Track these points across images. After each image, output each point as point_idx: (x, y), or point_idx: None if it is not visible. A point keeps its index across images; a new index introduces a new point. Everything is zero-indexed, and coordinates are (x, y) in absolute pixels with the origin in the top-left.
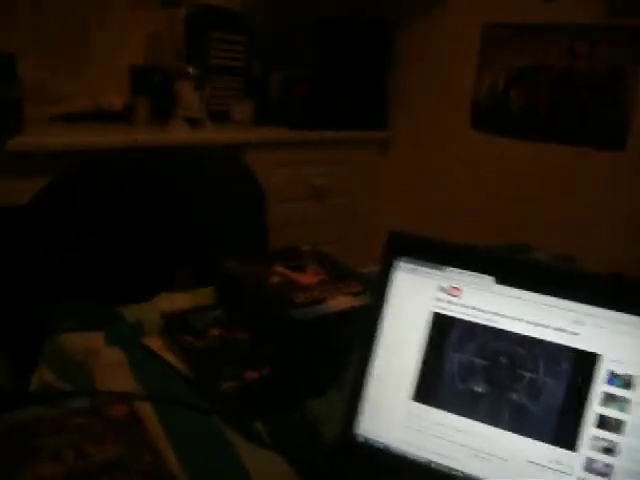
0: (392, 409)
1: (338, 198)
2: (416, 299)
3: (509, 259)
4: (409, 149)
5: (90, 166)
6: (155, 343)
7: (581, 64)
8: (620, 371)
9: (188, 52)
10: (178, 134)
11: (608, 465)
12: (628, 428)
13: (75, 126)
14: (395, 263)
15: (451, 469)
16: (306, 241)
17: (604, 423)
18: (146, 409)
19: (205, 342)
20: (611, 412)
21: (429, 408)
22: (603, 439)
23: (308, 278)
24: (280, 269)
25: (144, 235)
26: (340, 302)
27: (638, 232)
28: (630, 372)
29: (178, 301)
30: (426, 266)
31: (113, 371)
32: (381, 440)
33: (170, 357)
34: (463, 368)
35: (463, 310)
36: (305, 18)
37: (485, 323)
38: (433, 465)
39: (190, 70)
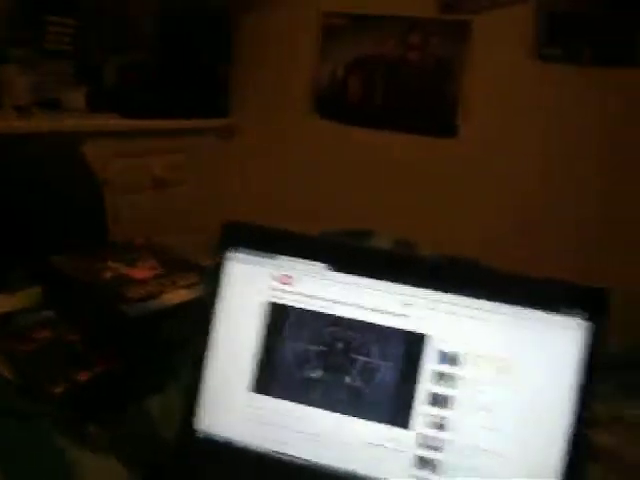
0: (231, 402)
1: (180, 188)
2: (250, 289)
3: (340, 246)
4: (252, 136)
5: None
6: None
7: (414, 55)
8: (447, 349)
9: (14, 35)
10: (6, 123)
11: (440, 440)
12: (457, 403)
13: None
14: (229, 253)
15: (293, 457)
16: (149, 233)
17: (435, 400)
18: None
19: (32, 345)
20: (441, 389)
21: (268, 398)
22: (434, 415)
23: (142, 272)
24: (113, 264)
25: None
26: (175, 295)
27: (468, 214)
28: (456, 350)
29: (3, 304)
30: (259, 255)
31: None
32: (222, 434)
33: None
34: (299, 356)
35: (297, 298)
36: (144, 2)
37: (319, 310)
38: (276, 455)
39: (16, 54)
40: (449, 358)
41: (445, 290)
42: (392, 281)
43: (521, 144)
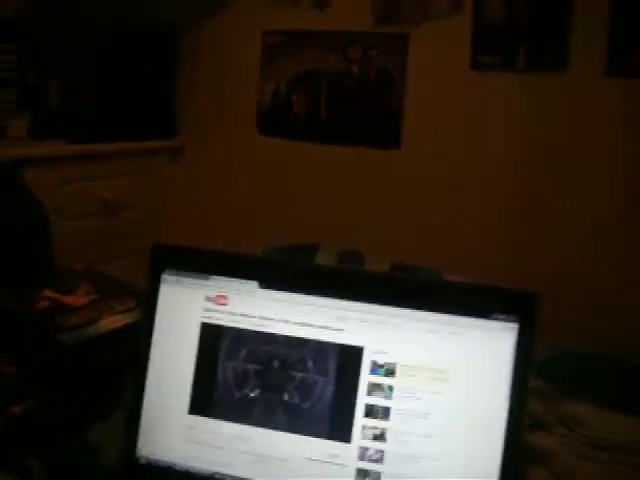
0: (171, 425)
1: (128, 211)
2: (184, 311)
3: (270, 263)
4: (199, 157)
5: None
6: None
7: (355, 68)
8: (382, 361)
9: None
10: None
11: (379, 451)
12: (393, 413)
13: None
14: (161, 276)
15: (234, 477)
16: (97, 257)
17: (372, 412)
18: None
19: None
20: (377, 400)
21: (206, 419)
22: (372, 427)
23: (79, 299)
24: (49, 293)
25: None
26: (112, 321)
27: (413, 224)
28: (391, 360)
29: None
30: (191, 277)
31: None
32: (163, 459)
33: None
34: (237, 376)
35: (231, 318)
36: (84, 25)
37: (253, 328)
38: (217, 476)
39: None
40: (384, 369)
41: (378, 302)
42: (325, 296)
43: (464, 152)
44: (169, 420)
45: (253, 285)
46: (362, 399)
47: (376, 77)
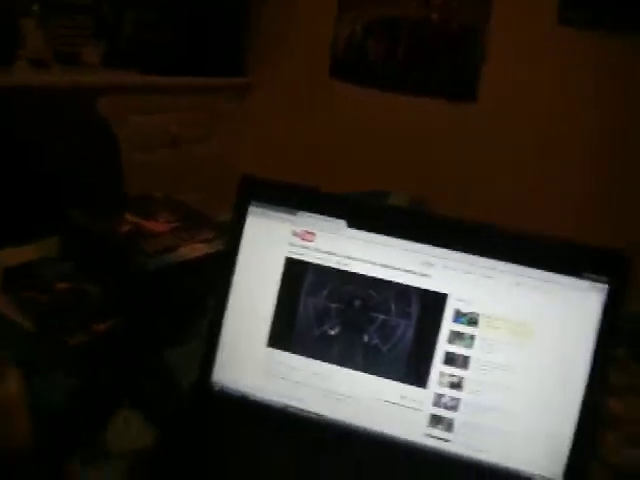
0: (248, 356)
1: (195, 146)
2: (269, 244)
3: (360, 203)
4: (267, 96)
5: None
6: None
7: (436, 16)
8: (465, 309)
9: None
10: (22, 76)
11: (455, 399)
12: (472, 363)
13: None
14: (248, 208)
15: (307, 412)
16: (164, 190)
17: (451, 359)
18: None
19: (51, 296)
20: (457, 349)
21: (284, 353)
22: (450, 374)
23: (160, 226)
24: (131, 217)
25: None
26: (193, 249)
27: (485, 178)
28: (475, 310)
29: (22, 254)
30: (279, 211)
31: None
32: (237, 388)
33: (13, 314)
34: (317, 312)
35: (316, 254)
36: None
37: (338, 267)
38: (289, 409)
39: (34, 7)
40: (467, 318)
41: (466, 251)
42: (413, 240)
43: (541, 110)
44: (246, 351)
45: (341, 224)
46: (442, 346)
47: (457, 27)
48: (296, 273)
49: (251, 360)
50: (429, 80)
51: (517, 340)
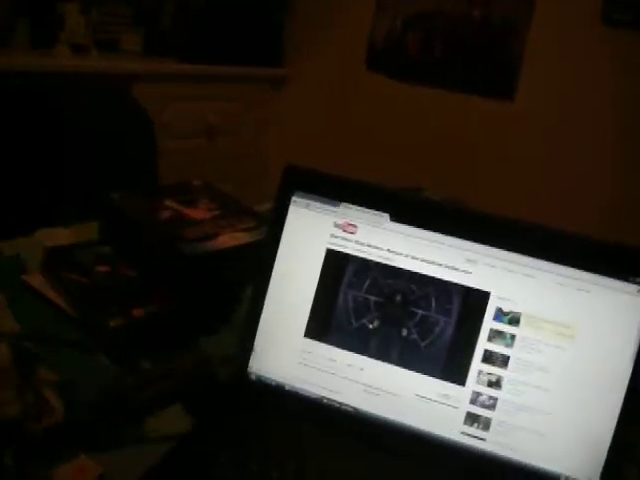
0: (285, 346)
1: (230, 135)
2: (311, 235)
3: (404, 196)
4: (302, 87)
5: None
6: (36, 280)
7: (477, 13)
8: (507, 308)
9: None
10: (62, 60)
11: (492, 398)
12: (512, 362)
13: None
14: (290, 198)
15: (342, 404)
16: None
17: (490, 358)
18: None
19: (90, 279)
20: (497, 347)
21: (321, 344)
22: (488, 373)
23: (200, 213)
24: (171, 204)
25: (25, 166)
26: (232, 238)
27: (519, 178)
28: (516, 309)
29: (60, 236)
30: (322, 202)
31: None
32: (274, 378)
33: (53, 295)
34: (356, 305)
35: (358, 247)
36: None
37: (379, 260)
38: (325, 401)
39: None
40: (508, 317)
41: (510, 249)
42: (456, 236)
43: (580, 111)
44: (284, 341)
45: (384, 217)
46: (482, 344)
47: (498, 23)
48: (336, 265)
49: (288, 350)
50: (467, 76)
51: (559, 341)
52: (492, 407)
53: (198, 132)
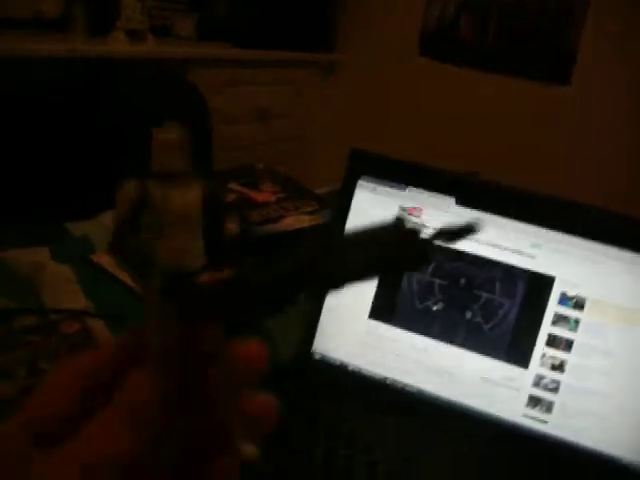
0: (349, 327)
1: (281, 120)
2: (377, 218)
3: (470, 180)
4: (354, 73)
5: (29, 74)
6: (105, 260)
7: None
8: (572, 293)
9: None
10: (118, 46)
11: (555, 381)
12: (576, 347)
13: (5, 32)
14: (357, 181)
15: (406, 385)
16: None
17: (554, 342)
18: (98, 326)
19: None
20: (561, 331)
21: (386, 325)
22: (552, 357)
23: (264, 196)
24: (235, 187)
25: (84, 150)
26: (297, 220)
27: (581, 164)
28: (581, 294)
29: None
30: (388, 185)
31: (62, 287)
32: (338, 358)
33: (121, 274)
34: (421, 287)
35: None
36: None
37: (444, 244)
38: (388, 382)
39: None
40: (574, 302)
41: (576, 234)
42: (522, 220)
43: (636, 98)
44: (348, 322)
45: (450, 201)
46: (546, 328)
47: (553, 8)
48: None
49: (352, 331)
50: (521, 61)
51: (624, 327)
52: (555, 390)
53: (250, 117)
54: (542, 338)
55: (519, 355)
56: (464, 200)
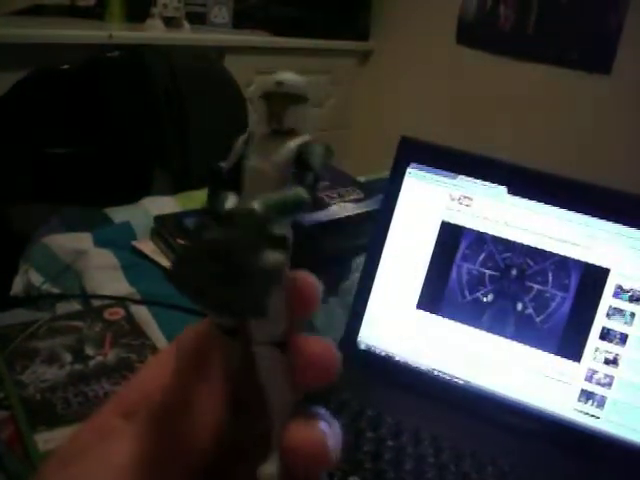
0: (396, 317)
1: (317, 108)
2: (426, 207)
3: (522, 169)
4: (389, 61)
5: (68, 61)
6: (147, 246)
7: None
8: (627, 286)
9: None
10: (155, 33)
11: (609, 376)
12: (631, 340)
13: (44, 20)
14: (406, 169)
15: (453, 377)
16: None
17: (608, 335)
18: (142, 313)
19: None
20: (615, 325)
21: (434, 316)
22: (606, 351)
23: None
24: None
25: (123, 134)
26: (343, 209)
27: (617, 155)
28: (637, 287)
29: (166, 204)
30: (438, 174)
31: (105, 273)
32: (384, 348)
33: (164, 260)
34: (471, 278)
35: (473, 220)
36: None
37: (496, 233)
38: (436, 373)
39: None
40: (629, 295)
41: (632, 225)
42: (576, 211)
43: None
44: (395, 312)
45: (501, 190)
46: (600, 321)
47: None
48: (451, 237)
49: (399, 321)
50: (561, 50)
51: None
52: (608, 385)
53: None
54: (595, 331)
55: (571, 349)
56: (516, 189)
